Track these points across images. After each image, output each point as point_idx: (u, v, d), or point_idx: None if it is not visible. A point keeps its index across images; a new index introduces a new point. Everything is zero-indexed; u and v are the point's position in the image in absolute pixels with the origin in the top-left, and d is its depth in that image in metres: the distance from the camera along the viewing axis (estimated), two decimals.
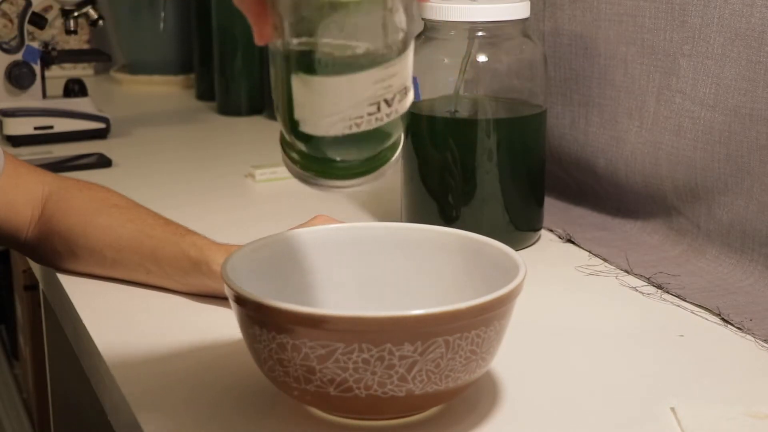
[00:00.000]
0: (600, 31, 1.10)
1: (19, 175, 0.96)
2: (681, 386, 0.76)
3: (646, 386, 0.76)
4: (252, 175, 1.32)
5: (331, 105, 0.63)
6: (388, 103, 0.63)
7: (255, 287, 0.67)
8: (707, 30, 0.97)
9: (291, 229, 0.79)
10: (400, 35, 0.62)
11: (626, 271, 0.98)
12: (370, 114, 0.63)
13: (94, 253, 0.93)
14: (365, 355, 0.63)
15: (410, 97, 0.65)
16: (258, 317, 0.66)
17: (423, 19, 1.03)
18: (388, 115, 0.63)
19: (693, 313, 0.89)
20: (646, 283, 0.95)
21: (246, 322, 0.67)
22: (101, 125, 1.59)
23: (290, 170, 0.67)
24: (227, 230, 0.93)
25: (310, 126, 0.63)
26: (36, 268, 1.11)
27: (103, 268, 0.94)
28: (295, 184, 0.68)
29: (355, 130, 0.63)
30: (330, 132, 0.63)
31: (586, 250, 1.04)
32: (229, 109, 1.76)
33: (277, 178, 1.31)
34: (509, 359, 0.76)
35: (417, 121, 1.03)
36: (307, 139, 0.64)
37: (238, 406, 0.73)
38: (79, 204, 0.95)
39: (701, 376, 0.78)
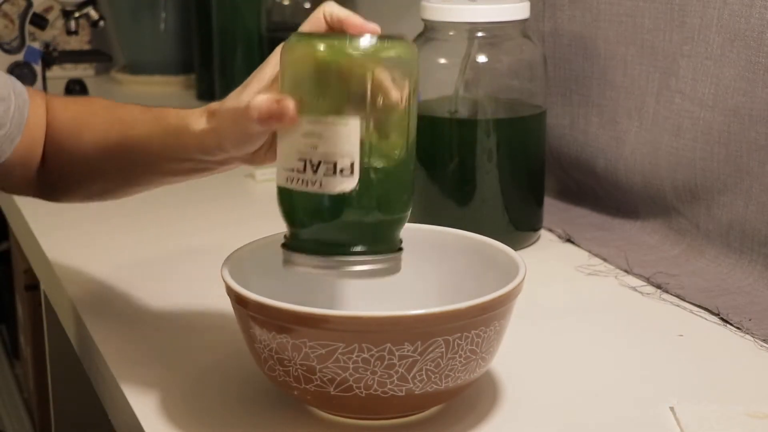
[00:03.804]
0: (600, 32, 1.10)
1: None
2: (680, 386, 0.76)
3: (645, 386, 0.76)
4: (252, 175, 1.32)
5: (279, 152, 0.66)
6: (313, 167, 0.63)
7: (255, 287, 0.67)
8: (706, 31, 0.97)
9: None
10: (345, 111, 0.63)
11: (626, 271, 0.98)
12: (298, 171, 0.64)
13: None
14: (365, 355, 0.63)
15: (345, 184, 0.63)
16: (258, 317, 0.66)
17: (423, 19, 1.03)
18: (312, 183, 0.63)
19: (692, 312, 0.89)
20: (646, 283, 0.95)
21: (246, 322, 0.68)
22: None
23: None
24: (227, 230, 0.93)
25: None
26: (37, 267, 1.11)
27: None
28: None
29: (290, 185, 0.64)
30: (278, 181, 0.66)
31: (586, 250, 1.04)
32: None
33: None
34: (509, 359, 0.76)
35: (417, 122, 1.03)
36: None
37: (238, 406, 0.73)
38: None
39: (701, 376, 0.78)
